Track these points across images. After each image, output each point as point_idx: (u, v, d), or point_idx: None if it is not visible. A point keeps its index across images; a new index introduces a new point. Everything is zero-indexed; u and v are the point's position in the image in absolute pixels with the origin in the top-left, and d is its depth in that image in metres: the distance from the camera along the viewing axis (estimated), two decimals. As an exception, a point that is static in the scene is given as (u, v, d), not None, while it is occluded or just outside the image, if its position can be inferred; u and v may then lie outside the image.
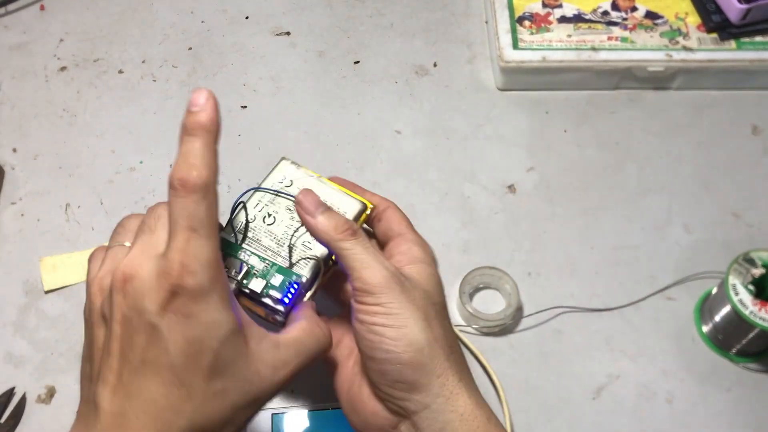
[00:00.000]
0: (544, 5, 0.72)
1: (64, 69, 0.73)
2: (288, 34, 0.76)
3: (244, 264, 0.45)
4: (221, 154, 0.67)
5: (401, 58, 0.74)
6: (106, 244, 0.41)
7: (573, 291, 0.60)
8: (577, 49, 0.68)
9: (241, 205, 0.48)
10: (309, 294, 0.45)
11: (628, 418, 0.55)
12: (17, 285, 0.61)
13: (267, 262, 0.46)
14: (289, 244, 0.46)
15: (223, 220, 0.46)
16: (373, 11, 0.77)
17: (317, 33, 0.76)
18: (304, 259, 0.46)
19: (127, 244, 0.39)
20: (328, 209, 0.42)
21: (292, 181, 0.49)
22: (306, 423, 0.52)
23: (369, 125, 0.69)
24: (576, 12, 0.71)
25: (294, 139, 0.69)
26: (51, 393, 0.56)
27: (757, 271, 0.53)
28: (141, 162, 0.68)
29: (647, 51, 0.68)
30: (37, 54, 0.75)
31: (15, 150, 0.68)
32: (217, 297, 0.35)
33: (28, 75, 0.73)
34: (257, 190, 0.49)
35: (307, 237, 0.46)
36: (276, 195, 0.48)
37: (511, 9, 0.71)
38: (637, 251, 0.62)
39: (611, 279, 0.61)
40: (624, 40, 0.69)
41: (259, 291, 0.44)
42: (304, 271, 0.46)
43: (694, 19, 0.70)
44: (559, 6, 0.72)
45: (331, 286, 0.48)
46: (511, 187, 0.66)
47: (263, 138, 0.69)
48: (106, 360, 0.35)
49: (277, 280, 0.45)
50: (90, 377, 0.37)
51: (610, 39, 0.69)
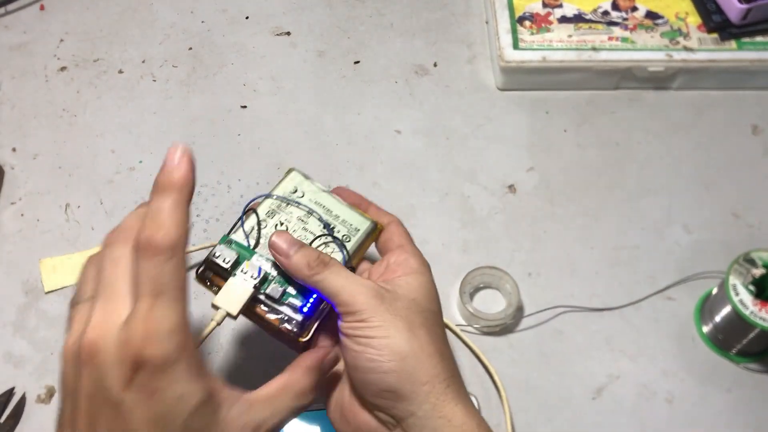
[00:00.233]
0: (545, 5, 0.72)
1: (64, 69, 0.73)
2: (288, 34, 0.76)
3: (262, 268, 0.43)
4: (221, 153, 0.68)
5: (401, 58, 0.74)
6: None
7: (573, 291, 0.60)
8: (577, 49, 0.68)
9: (251, 210, 0.46)
10: (323, 305, 0.44)
11: (628, 418, 0.55)
12: (17, 285, 0.61)
13: (281, 269, 0.44)
14: None
15: (228, 225, 0.46)
16: (373, 11, 0.77)
17: (317, 33, 0.76)
18: None
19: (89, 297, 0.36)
20: (301, 246, 0.42)
21: (304, 192, 0.48)
22: (306, 423, 0.52)
23: (369, 125, 0.69)
24: (576, 12, 0.71)
25: (294, 139, 0.68)
26: (51, 393, 0.56)
27: (758, 271, 0.53)
28: (141, 162, 0.68)
29: (647, 51, 0.68)
30: (37, 54, 0.74)
31: (15, 150, 0.68)
32: (185, 366, 0.34)
33: (28, 75, 0.73)
34: (268, 197, 0.47)
35: (322, 249, 0.45)
36: (289, 204, 0.47)
37: (511, 9, 0.71)
38: (637, 251, 0.62)
39: (611, 279, 0.61)
40: (624, 40, 0.69)
41: (277, 297, 0.43)
42: None
43: (694, 19, 0.70)
44: (560, 6, 0.72)
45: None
46: (511, 187, 0.66)
47: (263, 138, 0.69)
48: None
49: (293, 288, 0.44)
50: None
51: (610, 39, 0.69)
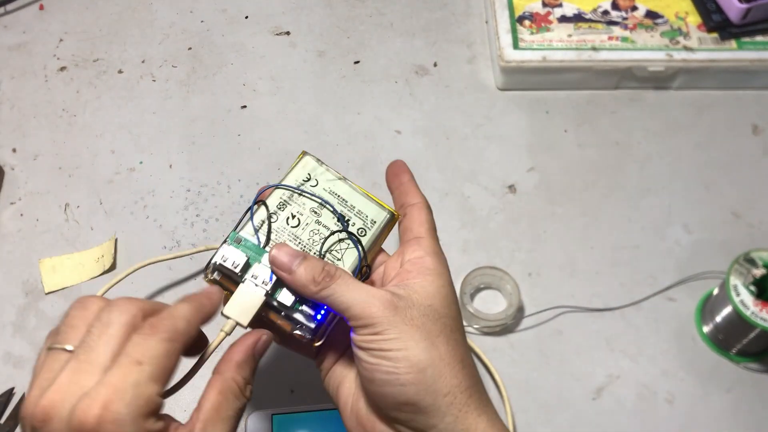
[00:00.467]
0: (544, 5, 0.72)
1: (63, 69, 0.73)
2: (288, 33, 0.76)
3: (274, 273, 0.40)
4: (221, 153, 0.68)
5: (401, 58, 0.73)
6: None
7: (573, 291, 0.60)
8: (577, 48, 0.68)
9: (260, 202, 0.43)
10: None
11: (629, 418, 0.55)
12: (17, 285, 0.61)
13: None
14: (320, 253, 0.42)
15: (229, 225, 0.43)
16: (373, 11, 0.77)
17: (317, 33, 0.76)
18: None
19: (69, 347, 0.34)
20: (304, 258, 0.39)
21: (317, 180, 0.44)
22: (306, 423, 0.52)
23: (369, 125, 0.69)
24: (576, 11, 0.71)
25: (294, 139, 0.68)
26: (51, 393, 0.56)
27: (758, 272, 0.53)
28: (141, 162, 0.67)
29: (648, 51, 0.68)
30: (37, 54, 0.74)
31: (15, 150, 0.68)
32: None
33: (27, 75, 0.73)
34: (278, 187, 0.43)
35: (336, 245, 0.42)
36: (301, 195, 0.43)
37: (511, 8, 0.71)
38: (637, 251, 0.62)
39: (612, 279, 0.61)
40: (624, 39, 0.69)
41: (289, 305, 0.40)
42: None
43: (694, 18, 0.70)
44: (559, 5, 0.71)
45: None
46: (511, 187, 0.65)
47: (263, 138, 0.69)
48: None
49: None
50: None
51: (610, 39, 0.69)
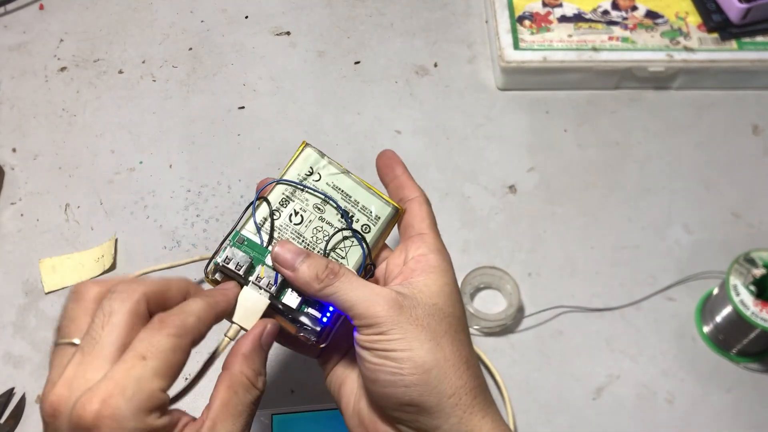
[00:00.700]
0: (544, 4, 0.72)
1: (63, 69, 0.73)
2: (288, 33, 0.76)
3: (276, 270, 0.39)
4: (221, 153, 0.68)
5: (401, 58, 0.73)
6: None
7: (573, 291, 0.60)
8: (577, 49, 0.68)
9: (262, 198, 0.42)
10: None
11: (629, 418, 0.55)
12: (17, 285, 0.61)
13: None
14: (324, 252, 0.41)
15: (229, 226, 0.43)
16: (373, 11, 0.77)
17: (317, 33, 0.76)
18: None
19: (75, 341, 0.34)
20: (308, 256, 0.39)
21: (320, 174, 0.43)
22: (306, 423, 0.52)
23: (369, 125, 0.69)
24: (576, 11, 0.71)
25: (294, 139, 0.68)
26: (51, 393, 0.56)
27: (758, 272, 0.53)
28: (141, 162, 0.67)
29: (648, 51, 0.68)
30: (37, 54, 0.74)
31: (15, 150, 0.68)
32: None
33: (27, 75, 0.73)
34: (280, 182, 0.42)
35: (340, 243, 0.42)
36: (303, 190, 0.42)
37: (511, 8, 0.71)
38: (637, 251, 0.62)
39: (612, 279, 0.61)
40: (625, 40, 0.69)
41: (294, 307, 0.40)
42: None
43: (694, 18, 0.70)
44: (559, 5, 0.71)
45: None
46: (511, 187, 0.65)
47: (263, 138, 0.69)
48: None
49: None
50: None
51: (610, 39, 0.69)
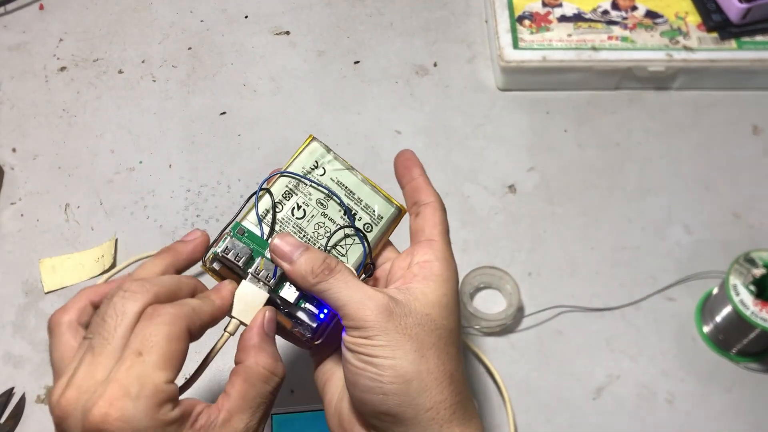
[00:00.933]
0: (544, 4, 0.72)
1: (63, 69, 0.73)
2: (288, 33, 0.76)
3: (274, 263, 0.39)
4: (221, 154, 0.68)
5: (401, 58, 0.73)
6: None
7: (573, 291, 0.60)
8: (577, 48, 0.68)
9: (265, 190, 0.42)
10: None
11: (629, 418, 0.55)
12: (17, 285, 0.61)
13: None
14: (325, 248, 0.41)
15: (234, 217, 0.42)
16: (372, 11, 0.77)
17: (317, 32, 0.76)
18: None
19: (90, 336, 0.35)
20: (306, 249, 0.39)
21: (324, 169, 0.43)
22: (306, 423, 0.52)
23: (369, 125, 0.69)
24: (576, 11, 0.71)
25: (294, 139, 0.68)
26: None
27: (758, 272, 0.53)
28: (140, 162, 0.67)
29: (648, 51, 0.68)
30: (37, 54, 0.74)
31: (14, 150, 0.68)
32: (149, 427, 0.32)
33: (27, 75, 0.73)
34: (284, 174, 0.42)
35: (342, 241, 0.42)
36: (307, 184, 0.42)
37: (511, 8, 0.71)
38: (637, 251, 0.62)
39: (612, 279, 0.61)
40: (624, 39, 0.69)
41: (292, 301, 0.39)
42: None
43: (694, 18, 0.70)
44: (559, 5, 0.71)
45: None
46: (511, 187, 0.65)
47: (263, 138, 0.69)
48: None
49: None
50: None
51: (610, 38, 0.69)
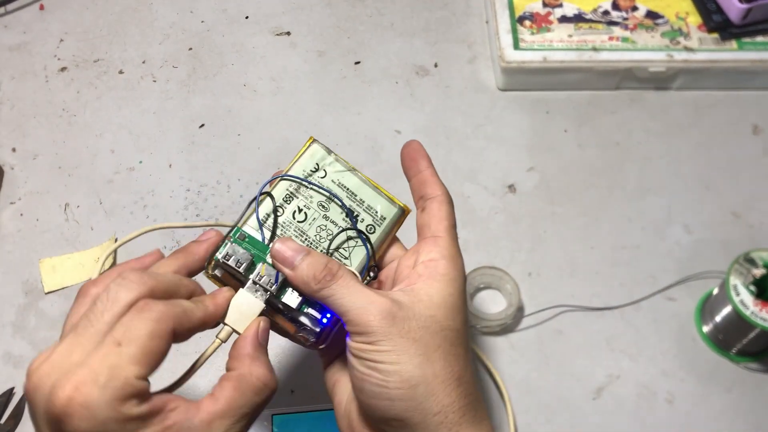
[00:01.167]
0: (545, 5, 0.72)
1: (64, 69, 0.73)
2: (288, 34, 0.76)
3: (279, 275, 0.39)
4: (221, 154, 0.68)
5: (401, 58, 0.73)
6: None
7: (573, 291, 0.60)
8: (578, 49, 0.68)
9: (266, 194, 0.41)
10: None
11: (629, 418, 0.55)
12: (17, 285, 0.61)
13: None
14: (327, 251, 0.41)
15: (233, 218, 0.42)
16: (373, 11, 0.77)
17: (317, 33, 0.76)
18: None
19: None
20: (308, 254, 0.38)
21: (325, 171, 0.42)
22: (306, 423, 0.52)
23: (369, 125, 0.69)
24: (576, 12, 0.71)
25: (294, 139, 0.68)
26: (51, 393, 0.56)
27: (758, 272, 0.53)
28: (140, 162, 0.67)
29: (648, 51, 0.68)
30: (37, 54, 0.74)
31: (14, 150, 0.68)
32: (113, 420, 0.31)
33: (27, 75, 0.73)
34: (284, 178, 0.42)
35: (344, 244, 0.41)
36: (308, 186, 0.42)
37: (511, 9, 0.71)
38: (637, 251, 0.62)
39: (612, 279, 0.61)
40: (625, 40, 0.69)
41: (294, 306, 0.39)
42: None
43: (694, 18, 0.70)
44: (560, 6, 0.71)
45: None
46: (511, 187, 0.65)
47: (263, 138, 0.69)
48: None
49: None
50: None
51: (611, 39, 0.69)
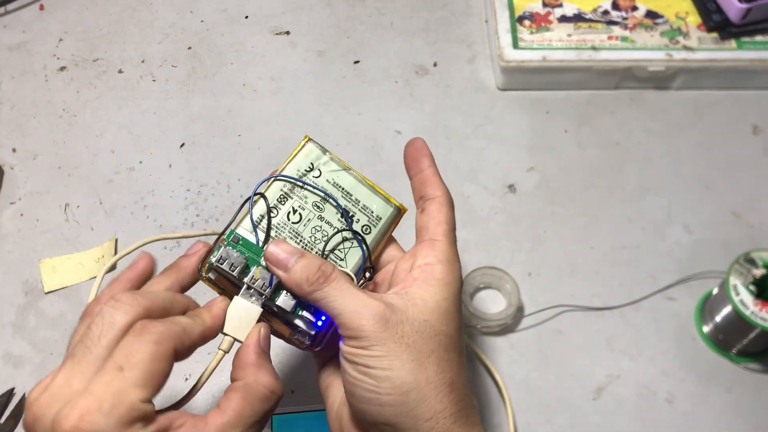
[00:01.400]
0: (544, 4, 0.72)
1: (63, 69, 0.73)
2: (288, 33, 0.76)
3: (274, 278, 0.39)
4: (221, 154, 0.68)
5: (401, 58, 0.73)
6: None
7: (573, 291, 0.60)
8: (577, 48, 0.68)
9: (259, 194, 0.41)
10: None
11: (629, 418, 0.55)
12: (17, 285, 0.61)
13: None
14: (322, 253, 0.41)
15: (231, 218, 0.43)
16: (372, 11, 0.77)
17: (317, 32, 0.76)
18: None
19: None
20: (302, 255, 0.38)
21: (320, 171, 0.42)
22: (306, 423, 0.52)
23: (369, 125, 0.69)
24: (576, 11, 0.71)
25: (294, 139, 0.68)
26: (51, 393, 0.56)
27: (758, 272, 0.53)
28: (140, 162, 0.67)
29: (648, 51, 0.68)
30: (37, 54, 0.74)
31: (14, 150, 0.68)
32: None
33: (27, 75, 0.73)
34: (278, 178, 0.42)
35: (340, 245, 0.41)
36: (303, 187, 0.42)
37: (511, 8, 0.71)
38: (637, 251, 0.62)
39: (612, 279, 0.61)
40: (624, 39, 0.69)
41: (289, 310, 0.39)
42: None
43: (694, 18, 0.70)
44: (559, 5, 0.71)
45: None
46: (511, 187, 0.65)
47: (263, 138, 0.69)
48: None
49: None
50: None
51: (610, 38, 0.69)
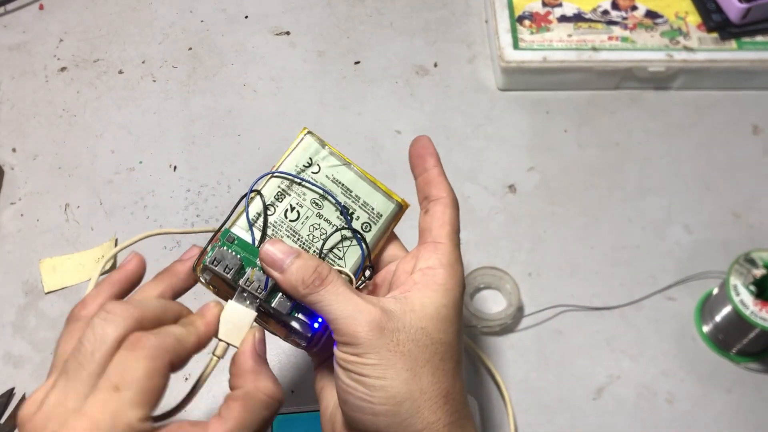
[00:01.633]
0: (544, 4, 0.72)
1: (63, 69, 0.73)
2: (288, 33, 0.76)
3: (269, 281, 0.38)
4: (221, 154, 0.68)
5: (401, 58, 0.73)
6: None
7: (573, 291, 0.60)
8: (577, 49, 0.68)
9: (255, 191, 0.40)
10: None
11: (629, 418, 0.55)
12: (17, 285, 0.61)
13: None
14: (321, 252, 0.40)
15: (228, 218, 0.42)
16: (372, 11, 0.77)
17: (317, 32, 0.76)
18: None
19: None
20: (297, 256, 0.37)
21: (319, 166, 0.41)
22: (306, 423, 0.52)
23: (369, 125, 0.69)
24: (576, 11, 0.71)
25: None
26: (51, 393, 0.56)
27: (758, 272, 0.53)
28: (140, 162, 0.67)
29: (648, 51, 0.68)
30: (37, 54, 0.74)
31: (14, 150, 0.68)
32: None
33: (27, 75, 0.73)
34: (275, 175, 0.41)
35: (339, 243, 0.40)
36: (300, 184, 0.41)
37: (511, 8, 0.71)
38: (637, 251, 0.62)
39: (612, 279, 0.61)
40: (624, 39, 0.69)
41: (285, 312, 0.38)
42: None
43: (694, 18, 0.70)
44: (559, 5, 0.71)
45: None
46: (511, 187, 0.65)
47: (263, 138, 0.69)
48: None
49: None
50: None
51: (610, 39, 0.69)
